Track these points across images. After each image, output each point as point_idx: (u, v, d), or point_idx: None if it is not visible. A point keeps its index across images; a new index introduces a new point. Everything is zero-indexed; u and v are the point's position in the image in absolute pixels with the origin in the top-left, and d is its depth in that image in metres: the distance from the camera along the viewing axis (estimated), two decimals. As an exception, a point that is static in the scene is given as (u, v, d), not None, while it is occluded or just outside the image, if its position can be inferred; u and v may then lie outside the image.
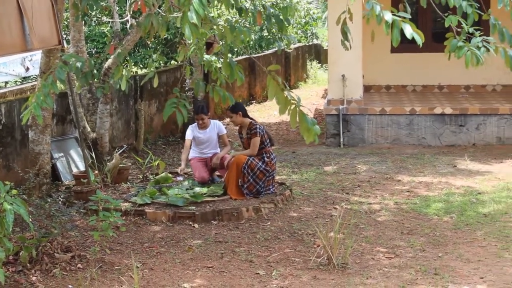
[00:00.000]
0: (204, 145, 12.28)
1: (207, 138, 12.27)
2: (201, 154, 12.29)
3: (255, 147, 11.43)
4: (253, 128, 11.53)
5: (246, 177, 11.30)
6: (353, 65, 16.12)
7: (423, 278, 8.03)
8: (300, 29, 31.50)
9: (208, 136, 12.27)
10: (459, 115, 15.91)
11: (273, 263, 8.62)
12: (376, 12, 6.15)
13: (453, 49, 7.01)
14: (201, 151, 12.30)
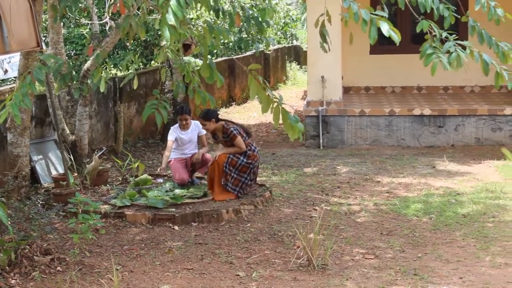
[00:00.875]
0: (185, 145, 12.22)
1: (189, 139, 12.22)
2: (182, 155, 12.23)
3: (242, 145, 11.45)
4: (229, 131, 11.47)
5: (229, 174, 11.36)
6: (332, 66, 16.15)
7: (403, 278, 8.06)
8: (280, 31, 31.54)
9: (190, 136, 12.23)
10: (438, 116, 15.97)
11: (253, 264, 8.62)
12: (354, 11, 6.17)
13: (421, 56, 7.05)
14: (182, 151, 12.23)
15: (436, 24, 7.42)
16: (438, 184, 12.51)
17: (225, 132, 11.47)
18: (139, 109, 16.89)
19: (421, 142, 16.02)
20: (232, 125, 11.60)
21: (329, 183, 12.69)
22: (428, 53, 7.12)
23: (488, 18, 7.61)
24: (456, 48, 7.22)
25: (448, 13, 7.48)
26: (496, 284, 7.85)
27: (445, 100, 17.26)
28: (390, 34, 6.12)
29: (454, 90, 18.60)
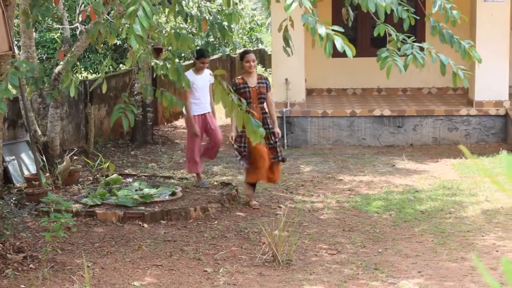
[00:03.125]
0: (199, 93, 11.88)
1: (202, 85, 11.87)
2: (199, 106, 11.90)
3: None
4: (267, 78, 10.94)
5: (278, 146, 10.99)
6: (296, 69, 16.19)
7: (364, 273, 8.10)
8: (245, 35, 31.54)
9: (203, 81, 11.89)
10: (397, 116, 16.06)
11: (220, 260, 8.62)
12: (311, 26, 6.19)
13: (378, 60, 7.09)
14: (198, 100, 11.88)
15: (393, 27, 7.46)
16: (397, 182, 12.58)
17: (262, 77, 10.90)
18: (109, 111, 16.82)
19: (381, 142, 16.10)
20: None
21: (293, 182, 12.72)
22: (384, 56, 7.16)
23: (445, 20, 7.66)
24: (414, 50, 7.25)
25: (407, 15, 7.51)
26: (453, 277, 7.92)
27: (404, 101, 17.36)
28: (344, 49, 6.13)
29: (413, 91, 18.71)
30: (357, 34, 18.54)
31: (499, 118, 15.84)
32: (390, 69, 7.03)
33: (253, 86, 10.58)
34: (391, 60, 7.03)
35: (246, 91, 10.48)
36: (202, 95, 11.87)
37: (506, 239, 9.28)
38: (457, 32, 8.97)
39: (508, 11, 15.81)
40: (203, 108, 11.93)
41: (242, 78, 10.68)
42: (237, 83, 10.59)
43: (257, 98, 10.59)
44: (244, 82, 10.59)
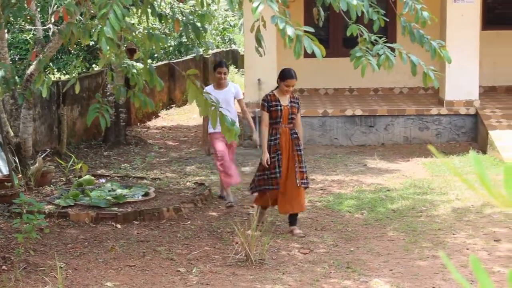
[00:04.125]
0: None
1: (224, 99, 10.46)
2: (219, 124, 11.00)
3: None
4: (298, 98, 9.99)
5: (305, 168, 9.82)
6: (268, 69, 16.19)
7: (336, 271, 8.12)
8: (218, 35, 31.52)
9: (225, 96, 10.72)
10: (369, 116, 16.11)
11: (193, 260, 8.61)
12: (280, 27, 6.20)
13: (352, 59, 7.11)
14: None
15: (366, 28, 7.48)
16: (369, 181, 12.62)
17: (294, 97, 9.88)
18: (82, 112, 16.74)
19: (353, 141, 16.14)
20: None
21: (266, 181, 12.71)
22: (358, 56, 7.18)
23: (415, 20, 7.69)
24: (385, 50, 7.29)
25: (377, 16, 7.54)
26: (424, 275, 7.96)
27: (376, 101, 17.42)
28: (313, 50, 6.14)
29: (384, 91, 18.77)
30: (329, 35, 18.58)
31: (469, 117, 15.94)
32: (364, 68, 7.06)
33: (285, 105, 9.64)
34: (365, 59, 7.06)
35: (277, 110, 9.58)
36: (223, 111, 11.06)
37: (477, 237, 9.34)
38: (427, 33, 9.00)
39: (478, 11, 15.91)
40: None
41: (275, 94, 9.70)
42: (269, 99, 9.65)
43: (288, 117, 9.63)
44: (277, 100, 9.64)
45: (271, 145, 9.59)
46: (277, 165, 9.52)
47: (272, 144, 9.57)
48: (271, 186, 9.56)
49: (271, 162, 9.50)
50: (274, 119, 9.59)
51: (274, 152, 9.56)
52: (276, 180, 9.52)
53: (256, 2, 6.13)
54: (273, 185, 9.54)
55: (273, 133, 9.60)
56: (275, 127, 9.60)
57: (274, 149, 9.57)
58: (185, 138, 17.90)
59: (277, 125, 9.58)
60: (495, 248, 8.93)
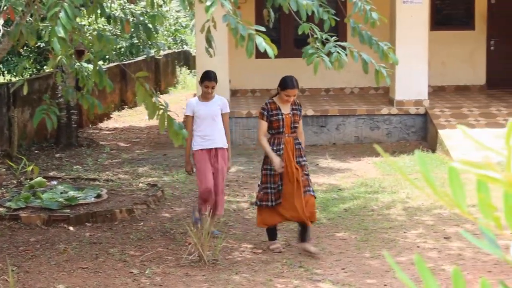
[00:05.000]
0: (205, 124, 9.53)
1: (209, 113, 9.53)
2: (203, 141, 9.53)
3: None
4: (300, 105, 9.25)
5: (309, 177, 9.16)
6: (220, 70, 16.12)
7: (289, 271, 8.14)
8: (170, 36, 31.44)
9: (211, 110, 9.57)
10: (320, 116, 16.18)
11: (146, 262, 8.58)
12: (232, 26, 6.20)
13: (304, 56, 7.14)
14: (203, 134, 9.54)
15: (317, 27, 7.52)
16: (321, 180, 12.67)
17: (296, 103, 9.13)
18: (33, 114, 16.55)
19: (305, 141, 16.17)
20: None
21: (218, 182, 12.70)
22: (310, 53, 7.21)
23: (364, 21, 7.74)
24: (337, 49, 7.33)
25: (328, 16, 7.58)
26: (376, 273, 8.02)
27: (327, 101, 17.50)
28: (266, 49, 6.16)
29: (335, 91, 18.86)
30: (280, 36, 18.61)
31: (419, 116, 16.08)
32: (317, 65, 7.09)
33: (287, 113, 8.85)
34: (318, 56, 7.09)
35: (279, 119, 8.80)
36: (209, 126, 9.51)
37: (427, 236, 9.43)
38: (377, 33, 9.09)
39: (427, 12, 16.08)
40: (209, 142, 9.52)
41: (275, 102, 8.94)
42: (269, 108, 8.88)
43: (291, 126, 8.86)
44: (277, 108, 8.86)
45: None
46: (280, 178, 8.75)
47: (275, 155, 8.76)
48: (273, 202, 8.80)
49: (274, 175, 8.75)
50: (276, 129, 8.81)
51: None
52: (278, 194, 8.77)
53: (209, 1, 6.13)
54: (274, 200, 8.79)
55: (276, 143, 8.80)
56: (277, 137, 8.82)
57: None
58: (138, 140, 17.82)
59: (279, 135, 8.81)
60: (445, 246, 9.02)
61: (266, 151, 8.84)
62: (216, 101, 9.68)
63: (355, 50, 7.44)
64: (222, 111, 9.66)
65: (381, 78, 7.51)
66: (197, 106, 9.59)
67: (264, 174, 8.92)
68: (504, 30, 18.59)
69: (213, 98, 9.66)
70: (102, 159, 15.10)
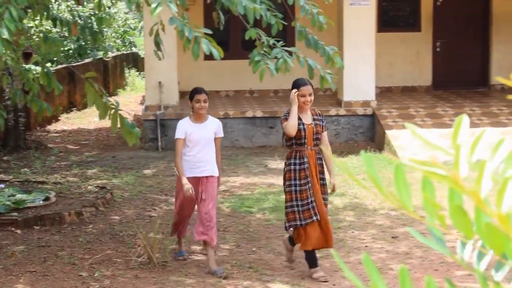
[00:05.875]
0: (196, 147, 8.44)
1: (201, 137, 8.44)
2: (192, 168, 8.40)
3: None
4: (322, 115, 8.48)
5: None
6: (169, 72, 16.13)
7: (239, 272, 8.15)
8: (119, 38, 31.26)
9: (205, 133, 8.49)
10: (269, 117, 16.21)
11: (95, 264, 8.51)
12: (179, 29, 6.19)
13: (251, 63, 7.15)
14: (193, 160, 8.42)
15: (264, 31, 7.53)
16: (270, 181, 12.70)
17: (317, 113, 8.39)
18: (-21, 116, 16.34)
19: (254, 143, 16.22)
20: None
21: (167, 184, 12.66)
22: (256, 60, 7.22)
23: (312, 24, 7.77)
24: (283, 54, 7.34)
25: (275, 20, 7.59)
26: (326, 273, 8.04)
27: (276, 103, 17.54)
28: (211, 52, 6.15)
29: (284, 93, 18.87)
30: (229, 37, 18.61)
31: (366, 117, 16.20)
32: (263, 72, 7.10)
33: (309, 124, 8.13)
34: (263, 64, 7.10)
35: (300, 129, 8.04)
36: (200, 151, 8.44)
37: (375, 235, 9.50)
38: (325, 35, 9.13)
39: (374, 14, 16.20)
40: (200, 169, 8.43)
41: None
42: None
43: (313, 138, 8.10)
44: (298, 118, 8.12)
45: (296, 170, 8.07)
46: (310, 194, 7.99)
47: (299, 169, 8.04)
48: (305, 220, 7.98)
49: (302, 191, 8.00)
50: (298, 140, 8.07)
51: (303, 178, 8.02)
52: (309, 212, 7.98)
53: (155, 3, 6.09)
54: (307, 218, 7.98)
55: (298, 156, 8.07)
56: (299, 149, 8.08)
57: (302, 174, 8.03)
58: (86, 142, 17.68)
59: (301, 147, 8.08)
60: (393, 245, 9.10)
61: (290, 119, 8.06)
62: (210, 123, 8.59)
63: (301, 55, 7.47)
64: (216, 134, 8.55)
65: (326, 84, 7.54)
66: (190, 128, 8.44)
67: (288, 191, 8.16)
68: (450, 32, 18.83)
69: (207, 120, 8.59)
70: (50, 161, 14.96)
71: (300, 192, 8.01)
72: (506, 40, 18.65)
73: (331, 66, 7.71)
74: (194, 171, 8.37)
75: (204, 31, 6.26)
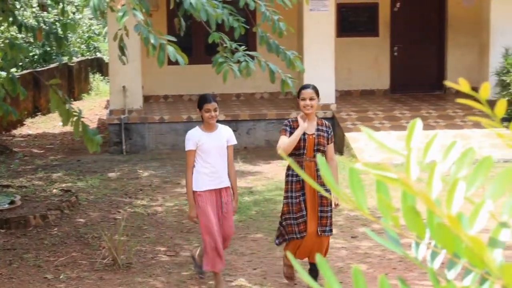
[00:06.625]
0: (210, 158, 7.75)
1: (213, 146, 7.77)
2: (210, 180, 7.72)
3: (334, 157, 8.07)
4: (329, 126, 8.03)
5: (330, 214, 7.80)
6: (133, 77, 16.07)
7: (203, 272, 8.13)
8: (83, 44, 31.09)
9: (217, 142, 7.82)
10: (232, 121, 16.20)
11: (61, 267, 8.46)
12: (144, 36, 6.17)
13: (214, 65, 7.16)
14: (207, 169, 7.73)
15: (227, 36, 7.53)
16: (233, 183, 12.68)
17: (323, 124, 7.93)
18: None
19: (217, 146, 16.18)
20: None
21: (132, 187, 12.62)
22: (220, 62, 7.22)
23: (272, 31, 7.79)
24: (245, 58, 7.35)
25: (238, 24, 7.60)
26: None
27: (238, 106, 17.55)
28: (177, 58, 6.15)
29: (246, 96, 18.93)
30: (192, 43, 18.58)
31: (326, 120, 16.22)
32: (226, 73, 7.11)
33: (311, 134, 7.66)
34: (227, 65, 7.11)
35: (300, 138, 7.58)
36: (215, 161, 7.77)
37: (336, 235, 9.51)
38: (286, 40, 9.15)
39: (333, 19, 16.28)
40: (218, 181, 7.78)
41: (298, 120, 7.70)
42: (292, 125, 7.68)
43: (313, 149, 7.62)
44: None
45: (293, 182, 7.66)
46: (304, 207, 7.58)
47: (295, 181, 7.65)
48: (298, 234, 7.58)
49: (295, 203, 7.59)
50: (296, 150, 7.57)
51: (297, 190, 7.62)
52: (303, 225, 7.58)
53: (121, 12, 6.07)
54: (300, 233, 7.58)
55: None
56: (297, 160, 7.57)
57: (297, 187, 7.63)
58: (51, 146, 17.54)
59: (299, 157, 7.59)
60: (353, 245, 9.15)
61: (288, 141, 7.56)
62: (221, 131, 7.90)
63: (262, 59, 7.48)
64: (228, 142, 7.89)
65: (287, 88, 7.56)
66: (201, 138, 7.75)
67: (285, 203, 7.68)
68: (407, 37, 18.98)
69: (217, 128, 7.89)
70: (15, 165, 14.82)
71: (293, 204, 7.60)
72: (461, 45, 18.83)
73: (292, 70, 7.73)
74: (212, 183, 7.68)
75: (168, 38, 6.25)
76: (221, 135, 7.84)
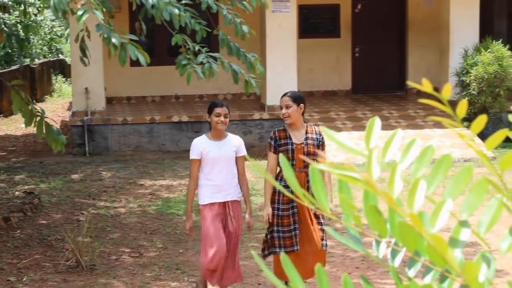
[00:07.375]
0: (215, 168, 7.26)
1: (220, 155, 7.24)
2: (215, 193, 7.26)
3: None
4: (320, 133, 7.34)
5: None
6: (95, 78, 15.98)
7: (166, 273, 8.12)
8: (45, 45, 30.84)
9: (224, 151, 7.28)
10: (195, 122, 16.18)
11: (23, 269, 8.39)
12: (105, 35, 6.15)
13: (177, 67, 7.15)
14: (210, 181, 7.26)
15: (189, 38, 7.53)
16: (196, 184, 12.65)
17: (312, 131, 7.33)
18: None
19: (180, 147, 16.15)
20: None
21: (95, 188, 12.54)
22: (183, 64, 7.22)
23: (235, 33, 7.81)
24: (208, 59, 7.36)
25: (199, 27, 7.60)
26: (250, 272, 8.12)
27: (201, 107, 17.51)
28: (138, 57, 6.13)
29: (209, 98, 18.87)
30: (154, 44, 18.54)
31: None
32: (190, 75, 7.11)
33: (299, 143, 7.17)
34: (190, 67, 7.11)
35: (288, 149, 7.12)
36: (222, 172, 7.28)
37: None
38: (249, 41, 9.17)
39: (295, 20, 16.32)
40: (224, 193, 7.29)
41: (285, 130, 7.23)
42: (277, 136, 7.21)
43: (303, 159, 7.14)
44: (287, 137, 7.18)
45: (281, 193, 7.18)
46: (293, 220, 7.14)
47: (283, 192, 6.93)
48: (285, 248, 7.09)
49: (284, 216, 7.13)
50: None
51: (286, 203, 7.16)
52: (291, 240, 7.13)
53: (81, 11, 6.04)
54: (288, 246, 7.12)
55: (284, 178, 6.63)
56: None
57: (286, 199, 7.15)
58: (14, 148, 17.38)
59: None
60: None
61: (265, 196, 7.25)
62: (230, 140, 7.35)
63: (225, 60, 7.50)
64: (237, 153, 7.34)
65: (250, 88, 7.58)
66: (207, 147, 7.24)
67: (272, 214, 7.17)
68: (368, 38, 19.09)
69: (226, 137, 7.35)
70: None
71: (281, 217, 7.14)
72: (422, 46, 18.98)
73: (252, 72, 7.75)
74: (217, 196, 7.22)
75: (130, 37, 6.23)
76: (230, 144, 7.31)
